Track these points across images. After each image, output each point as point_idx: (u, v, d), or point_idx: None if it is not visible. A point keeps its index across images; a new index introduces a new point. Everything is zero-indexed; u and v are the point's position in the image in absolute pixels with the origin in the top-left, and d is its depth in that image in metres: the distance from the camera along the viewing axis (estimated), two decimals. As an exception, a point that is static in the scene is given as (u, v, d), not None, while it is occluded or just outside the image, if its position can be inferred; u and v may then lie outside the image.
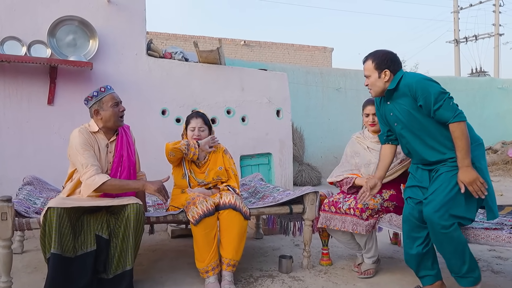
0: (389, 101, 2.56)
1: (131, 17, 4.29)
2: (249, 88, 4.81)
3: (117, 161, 2.78)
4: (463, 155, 2.26)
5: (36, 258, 3.35)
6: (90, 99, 2.72)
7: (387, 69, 2.49)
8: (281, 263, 3.09)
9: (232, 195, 2.94)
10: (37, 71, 3.94)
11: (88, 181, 2.52)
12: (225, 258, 2.79)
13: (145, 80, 4.35)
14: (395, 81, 2.47)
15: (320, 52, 17.68)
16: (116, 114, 2.76)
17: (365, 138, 3.15)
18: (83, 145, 2.61)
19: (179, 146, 2.99)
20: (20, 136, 3.92)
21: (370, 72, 2.54)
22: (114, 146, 2.81)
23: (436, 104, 2.30)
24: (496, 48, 19.77)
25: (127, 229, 2.59)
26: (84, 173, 2.55)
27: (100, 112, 2.71)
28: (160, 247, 3.70)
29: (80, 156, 2.57)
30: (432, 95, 2.29)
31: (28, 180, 3.47)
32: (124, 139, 2.86)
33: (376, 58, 2.52)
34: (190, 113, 3.26)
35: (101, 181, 2.52)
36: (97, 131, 2.74)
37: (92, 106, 2.72)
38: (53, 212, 2.40)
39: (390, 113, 2.56)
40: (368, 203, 2.78)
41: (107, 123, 2.74)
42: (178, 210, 2.92)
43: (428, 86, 2.33)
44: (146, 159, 4.27)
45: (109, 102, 2.72)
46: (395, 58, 2.52)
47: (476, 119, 10.18)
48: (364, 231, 2.75)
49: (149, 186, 2.67)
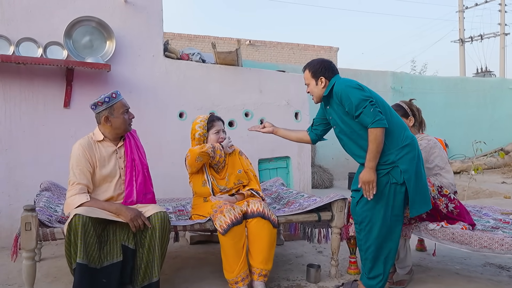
0: (328, 106, 2.75)
1: (148, 18, 4.19)
2: (268, 90, 4.71)
3: (130, 165, 2.69)
4: (371, 157, 2.45)
5: (54, 266, 3.26)
6: (100, 104, 2.59)
7: (322, 76, 2.67)
8: (309, 273, 3.00)
9: (260, 202, 2.87)
10: (53, 74, 3.85)
11: (69, 200, 2.47)
12: (256, 268, 2.71)
13: (162, 82, 4.25)
14: (329, 88, 2.66)
15: (325, 52, 17.58)
16: (126, 122, 2.67)
17: None
18: (78, 161, 2.53)
19: (207, 150, 2.93)
20: (37, 141, 3.82)
21: (309, 80, 2.73)
22: (124, 151, 2.71)
23: (357, 111, 2.46)
24: (502, 48, 19.63)
25: (152, 239, 2.49)
26: (69, 190, 2.50)
27: (110, 119, 2.61)
28: (180, 254, 3.61)
29: (71, 172, 2.52)
30: (354, 102, 2.46)
31: (46, 186, 3.38)
32: (132, 143, 2.76)
33: (312, 67, 2.71)
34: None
35: (79, 202, 2.44)
36: (102, 139, 2.65)
37: (102, 113, 2.60)
38: (79, 220, 2.31)
39: (329, 117, 2.76)
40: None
41: (116, 130, 2.65)
42: (205, 219, 2.82)
43: (350, 93, 2.49)
44: (163, 164, 4.19)
45: (120, 109, 2.63)
46: (329, 66, 2.70)
47: (487, 120, 10.10)
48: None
49: (124, 213, 2.47)
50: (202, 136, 3.02)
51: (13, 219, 3.67)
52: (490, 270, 3.25)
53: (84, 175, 2.52)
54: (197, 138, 3.03)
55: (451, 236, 2.64)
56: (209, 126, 3.05)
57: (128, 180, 2.66)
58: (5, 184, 3.74)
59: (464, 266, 3.34)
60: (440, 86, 9.57)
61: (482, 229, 2.83)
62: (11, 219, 3.71)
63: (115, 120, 2.61)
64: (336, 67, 2.74)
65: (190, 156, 2.92)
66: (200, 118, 3.10)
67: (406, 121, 2.98)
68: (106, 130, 2.64)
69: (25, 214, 2.39)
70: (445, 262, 3.42)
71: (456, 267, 3.32)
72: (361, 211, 2.59)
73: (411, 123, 3.02)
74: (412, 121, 3.03)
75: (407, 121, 3.00)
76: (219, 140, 3.05)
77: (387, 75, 9.08)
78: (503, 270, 3.26)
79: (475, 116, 9.90)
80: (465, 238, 2.58)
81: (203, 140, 3.03)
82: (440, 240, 2.71)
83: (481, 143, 5.22)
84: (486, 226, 2.94)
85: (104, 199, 2.59)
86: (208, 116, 3.11)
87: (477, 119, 9.88)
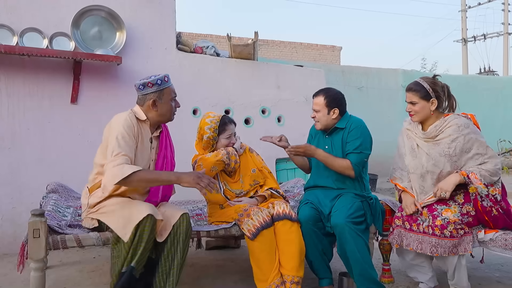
0: (328, 136, 2.81)
1: (160, 8, 3.94)
2: (285, 86, 4.46)
3: (161, 162, 2.45)
4: (329, 159, 2.70)
5: (63, 276, 3.00)
6: (150, 86, 2.34)
7: (336, 108, 2.72)
8: (342, 282, 2.76)
9: (285, 204, 2.65)
10: (59, 67, 3.58)
11: (115, 170, 2.10)
12: (287, 275, 2.47)
13: (175, 77, 3.91)
14: (345, 121, 2.75)
15: (328, 51, 17.40)
16: (172, 110, 2.45)
17: (415, 130, 2.69)
18: (126, 132, 2.23)
19: (222, 158, 2.67)
20: (42, 138, 3.55)
21: (320, 108, 2.74)
22: (158, 143, 2.47)
23: (357, 149, 2.67)
24: (505, 47, 19.49)
25: (174, 245, 2.23)
26: (113, 160, 2.14)
27: (158, 103, 2.37)
28: (196, 261, 3.35)
29: (117, 141, 2.18)
30: (360, 143, 2.69)
31: (53, 188, 3.12)
32: (167, 138, 2.54)
33: (328, 96, 2.74)
34: (222, 113, 2.95)
35: (130, 170, 2.10)
36: (144, 120, 2.38)
37: (150, 95, 2.35)
38: (150, 222, 2.07)
39: (325, 146, 2.78)
40: (447, 216, 2.41)
41: (160, 117, 2.42)
42: (230, 223, 2.57)
43: (365, 135, 2.73)
44: (177, 164, 3.91)
45: (169, 95, 2.42)
46: (344, 100, 2.79)
47: (500, 120, 9.88)
48: (447, 252, 2.35)
49: (185, 178, 2.21)
50: (212, 140, 2.74)
51: (16, 224, 3.42)
52: (533, 278, 3.02)
53: (130, 147, 2.23)
54: (205, 141, 2.74)
55: (503, 243, 2.39)
56: (221, 130, 2.75)
57: None
58: (7, 186, 3.47)
59: (503, 274, 3.11)
60: (452, 84, 9.18)
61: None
62: (14, 224, 3.45)
63: (162, 106, 2.39)
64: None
65: (203, 165, 2.65)
66: (211, 117, 2.78)
67: (426, 104, 2.55)
68: (149, 115, 2.40)
69: (33, 219, 2.14)
70: (482, 269, 3.18)
71: (496, 275, 3.09)
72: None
73: (434, 106, 2.56)
74: (435, 104, 2.55)
75: (428, 104, 2.55)
76: (230, 144, 2.80)
77: (398, 73, 8.86)
78: (547, 278, 3.02)
79: (487, 115, 9.65)
80: (521, 245, 2.33)
81: (211, 144, 2.75)
82: (490, 247, 2.46)
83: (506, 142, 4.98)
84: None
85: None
86: (220, 117, 2.79)
87: (489, 118, 9.63)
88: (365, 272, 2.49)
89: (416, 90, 2.57)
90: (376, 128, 8.45)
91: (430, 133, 2.57)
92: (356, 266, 2.49)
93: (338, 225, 2.49)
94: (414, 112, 2.60)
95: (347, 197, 2.65)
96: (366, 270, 2.49)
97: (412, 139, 2.69)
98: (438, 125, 2.55)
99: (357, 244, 2.47)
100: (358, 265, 2.48)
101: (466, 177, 2.43)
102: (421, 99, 2.55)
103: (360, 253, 2.47)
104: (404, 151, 2.73)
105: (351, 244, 2.46)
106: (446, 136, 2.52)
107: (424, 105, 2.56)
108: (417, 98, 2.57)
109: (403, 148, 2.75)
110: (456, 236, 2.34)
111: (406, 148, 2.72)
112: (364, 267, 2.48)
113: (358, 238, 2.47)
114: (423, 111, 2.57)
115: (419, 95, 2.56)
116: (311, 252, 2.60)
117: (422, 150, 2.60)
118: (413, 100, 2.58)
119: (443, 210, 2.47)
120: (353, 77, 8.35)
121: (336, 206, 2.61)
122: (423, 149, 2.60)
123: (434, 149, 2.55)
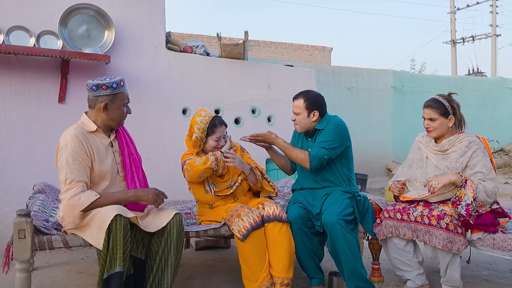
0: (310, 138, 2.81)
1: (150, 7, 3.90)
2: (276, 85, 4.44)
3: (128, 160, 2.39)
4: (286, 147, 2.77)
5: (49, 277, 2.96)
6: (104, 88, 2.25)
7: (316, 110, 2.72)
8: (331, 281, 2.75)
9: (276, 204, 2.63)
10: (47, 65, 3.54)
11: (73, 201, 2.08)
12: (277, 277, 2.46)
13: (165, 76, 3.97)
14: (325, 122, 2.74)
15: (319, 52, 17.45)
16: (124, 115, 2.37)
17: (427, 143, 2.71)
18: (75, 154, 2.15)
19: (210, 166, 2.58)
20: (28, 138, 3.50)
21: (300, 110, 2.74)
22: (118, 144, 2.40)
23: (320, 143, 2.67)
24: (494, 49, 19.72)
25: (167, 245, 2.22)
26: (67, 190, 2.10)
27: (109, 107, 2.28)
28: (185, 261, 3.32)
29: (68, 167, 2.12)
30: (331, 138, 2.68)
31: (40, 188, 3.07)
32: (125, 135, 2.47)
33: (308, 99, 2.74)
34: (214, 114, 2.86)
35: (88, 201, 2.08)
36: (95, 130, 2.30)
37: (102, 98, 2.26)
38: (120, 223, 2.01)
39: (308, 149, 2.74)
40: (444, 209, 2.41)
41: (110, 122, 2.33)
42: (219, 223, 2.55)
43: (336, 131, 2.71)
44: (167, 164, 3.90)
45: (122, 100, 2.32)
46: (324, 102, 2.80)
47: (488, 120, 10.01)
48: (441, 244, 2.33)
49: (145, 196, 2.23)
50: (200, 141, 2.66)
51: (3, 225, 3.36)
52: (520, 276, 3.05)
53: (84, 171, 2.17)
54: (193, 140, 2.67)
55: (491, 242, 2.40)
56: (209, 131, 2.66)
57: (130, 177, 2.38)
58: (-7, 186, 3.41)
59: (491, 272, 3.14)
60: (441, 85, 9.43)
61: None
62: (0, 225, 3.38)
63: (113, 111, 2.30)
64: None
65: (192, 172, 2.59)
66: (202, 117, 2.69)
67: (444, 120, 2.59)
68: (98, 118, 2.31)
69: (19, 220, 2.11)
70: (470, 268, 3.20)
71: (484, 273, 3.12)
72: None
73: (451, 123, 2.60)
74: (453, 120, 2.59)
75: (446, 121, 2.59)
76: (218, 146, 2.70)
77: (388, 73, 8.92)
78: (534, 276, 3.05)
79: (475, 115, 9.77)
80: (508, 243, 2.35)
81: (199, 144, 2.69)
82: (478, 246, 2.47)
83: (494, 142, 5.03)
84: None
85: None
86: (211, 118, 2.69)
87: (477, 119, 9.75)
88: (355, 270, 2.49)
89: (435, 108, 2.58)
90: (366, 128, 8.57)
91: (443, 146, 2.60)
92: (347, 264, 2.49)
93: (329, 223, 2.48)
94: (432, 128, 2.61)
95: (335, 195, 2.66)
96: (356, 268, 2.49)
97: (422, 151, 2.72)
98: (452, 139, 2.59)
99: (348, 242, 2.47)
100: (348, 263, 2.48)
101: (463, 179, 2.41)
102: (441, 116, 2.57)
103: (351, 251, 2.47)
104: (413, 160, 2.76)
105: (342, 242, 2.46)
106: (456, 150, 2.55)
107: (443, 122, 2.58)
108: (436, 115, 2.58)
109: (412, 157, 2.78)
110: (452, 230, 2.32)
111: (416, 158, 2.75)
112: (354, 265, 2.49)
113: (349, 236, 2.48)
114: (441, 128, 2.59)
115: (439, 112, 2.57)
116: (300, 251, 2.60)
117: (431, 162, 2.63)
118: (433, 117, 2.59)
119: (440, 205, 2.49)
120: (344, 78, 8.38)
121: (326, 204, 2.60)
122: (432, 161, 2.63)
123: (443, 162, 2.58)
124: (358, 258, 2.53)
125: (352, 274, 2.51)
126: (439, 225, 2.35)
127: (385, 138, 8.69)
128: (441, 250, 2.36)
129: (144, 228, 2.17)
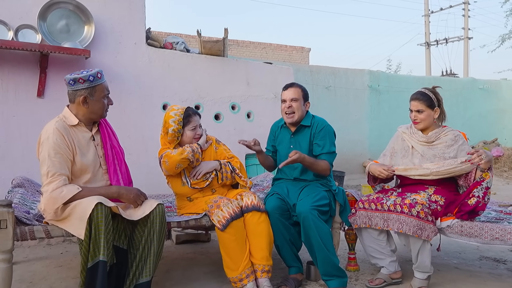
0: (294, 135, 2.88)
1: (130, 3, 3.92)
2: (255, 82, 4.52)
3: (111, 153, 2.42)
4: (312, 162, 2.74)
5: (29, 271, 2.95)
6: (81, 82, 2.25)
7: (309, 102, 2.88)
8: (309, 271, 2.85)
9: (253, 195, 2.70)
10: (25, 60, 3.51)
11: (55, 194, 2.11)
12: (258, 264, 2.54)
13: (145, 72, 3.99)
14: (309, 119, 2.85)
15: (298, 52, 17.59)
16: (105, 107, 2.38)
17: (412, 134, 2.82)
18: (57, 147, 2.17)
19: (187, 156, 2.63)
20: (6, 133, 3.47)
21: (298, 97, 2.80)
22: (100, 137, 2.42)
23: (325, 148, 2.79)
24: (466, 51, 20.29)
25: (150, 234, 2.26)
26: (49, 182, 2.12)
27: (89, 100, 2.29)
28: (166, 254, 3.35)
29: (49, 161, 2.14)
30: (332, 141, 2.84)
31: (19, 182, 3.05)
32: (108, 129, 2.49)
33: (303, 89, 2.86)
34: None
35: (69, 194, 2.11)
36: (77, 124, 2.32)
37: (80, 91, 2.27)
38: (101, 211, 2.04)
39: (290, 146, 2.85)
40: (416, 198, 2.53)
41: (92, 115, 2.34)
42: (200, 214, 2.61)
43: (331, 136, 2.84)
44: (146, 158, 3.92)
45: (102, 92, 2.33)
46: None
47: (460, 119, 10.32)
48: (411, 231, 2.44)
49: (126, 194, 2.28)
50: (177, 133, 2.70)
51: (-20, 220, 3.31)
52: (487, 264, 3.20)
53: (65, 164, 2.19)
54: (170, 134, 2.70)
55: (459, 230, 2.53)
56: (185, 122, 2.71)
57: (112, 170, 2.40)
58: (-30, 181, 3.37)
59: (461, 261, 3.28)
60: (415, 85, 9.66)
61: (487, 221, 2.74)
62: (-23, 219, 3.34)
63: (93, 103, 2.31)
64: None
65: (169, 163, 2.63)
66: (175, 110, 2.73)
67: (431, 112, 2.71)
68: (79, 112, 2.32)
69: (0, 210, 2.10)
70: (441, 257, 3.34)
71: (454, 262, 3.26)
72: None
73: (437, 115, 2.72)
74: (438, 112, 2.72)
75: (432, 113, 2.71)
76: (196, 136, 2.76)
77: (364, 73, 9.10)
78: (500, 263, 3.21)
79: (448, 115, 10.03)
80: (475, 230, 2.48)
81: (177, 137, 2.72)
82: (447, 234, 2.59)
83: (466, 140, 5.21)
84: (489, 217, 2.86)
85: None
86: (184, 109, 2.75)
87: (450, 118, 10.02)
88: (328, 259, 2.57)
89: (422, 100, 2.70)
90: (343, 126, 8.72)
91: (430, 138, 2.72)
92: (320, 253, 2.56)
93: (302, 213, 2.56)
94: (419, 120, 2.72)
95: (312, 187, 2.74)
96: (329, 256, 2.56)
97: (407, 141, 2.83)
98: (438, 132, 2.72)
99: (320, 231, 2.54)
100: (321, 252, 2.56)
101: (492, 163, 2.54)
102: (427, 108, 2.69)
103: (322, 240, 2.54)
104: (396, 150, 2.87)
105: (314, 231, 2.53)
106: (442, 142, 2.69)
107: (429, 114, 2.70)
108: (424, 107, 2.69)
109: (395, 148, 2.89)
110: (422, 218, 2.44)
111: (399, 148, 2.86)
112: (326, 254, 2.56)
113: (321, 225, 2.55)
114: (428, 119, 2.72)
115: (426, 104, 2.69)
116: (279, 241, 2.67)
117: (417, 152, 2.76)
118: (420, 109, 2.70)
119: (412, 195, 2.61)
120: (321, 77, 8.51)
121: (302, 195, 2.69)
122: (417, 151, 2.75)
123: (430, 151, 2.71)
124: (330, 247, 2.60)
125: (324, 262, 2.58)
126: (410, 212, 2.47)
127: (362, 136, 8.86)
128: (412, 236, 2.48)
129: (127, 217, 2.21)
